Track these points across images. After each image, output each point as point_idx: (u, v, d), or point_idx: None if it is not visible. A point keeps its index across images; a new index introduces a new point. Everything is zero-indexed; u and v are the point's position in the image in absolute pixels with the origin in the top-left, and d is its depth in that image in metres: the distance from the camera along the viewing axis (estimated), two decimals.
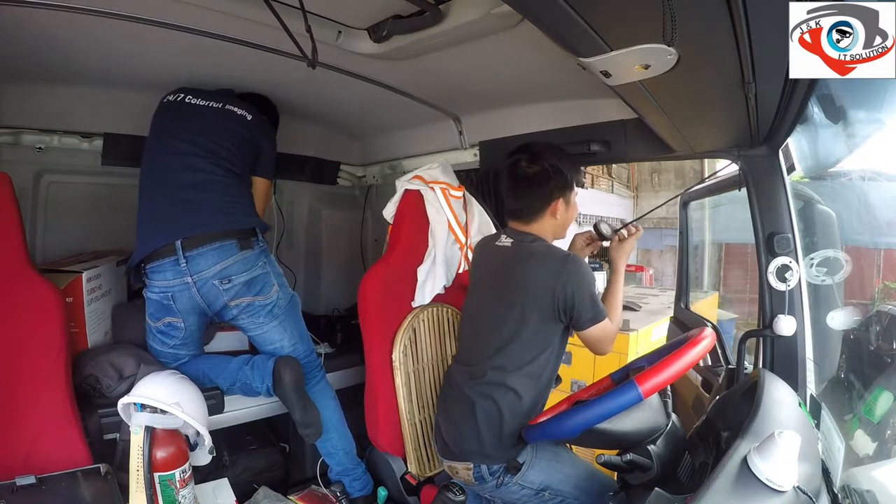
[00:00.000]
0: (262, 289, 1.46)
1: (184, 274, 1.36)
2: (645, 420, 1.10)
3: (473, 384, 1.35)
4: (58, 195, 1.77)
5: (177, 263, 1.35)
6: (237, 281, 1.41)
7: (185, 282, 1.37)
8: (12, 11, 1.11)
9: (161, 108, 1.57)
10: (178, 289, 1.38)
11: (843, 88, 1.22)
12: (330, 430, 1.58)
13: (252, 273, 1.43)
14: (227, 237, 1.39)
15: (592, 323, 1.29)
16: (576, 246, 1.53)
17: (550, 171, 1.33)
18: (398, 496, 1.57)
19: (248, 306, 1.45)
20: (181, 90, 1.57)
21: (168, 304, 1.40)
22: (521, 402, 1.31)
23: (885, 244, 2.21)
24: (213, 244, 1.37)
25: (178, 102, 1.54)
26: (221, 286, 1.39)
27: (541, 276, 1.29)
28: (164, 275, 1.37)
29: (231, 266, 1.39)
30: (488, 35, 1.13)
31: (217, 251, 1.38)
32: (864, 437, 1.46)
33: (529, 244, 1.35)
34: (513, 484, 1.31)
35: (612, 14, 0.64)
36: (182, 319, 1.42)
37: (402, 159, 2.23)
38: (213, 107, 1.54)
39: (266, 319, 1.49)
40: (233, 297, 1.42)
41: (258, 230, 1.49)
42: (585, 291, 1.27)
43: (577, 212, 1.43)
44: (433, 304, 1.68)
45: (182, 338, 1.46)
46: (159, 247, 1.36)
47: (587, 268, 1.31)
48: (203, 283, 1.38)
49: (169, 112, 1.54)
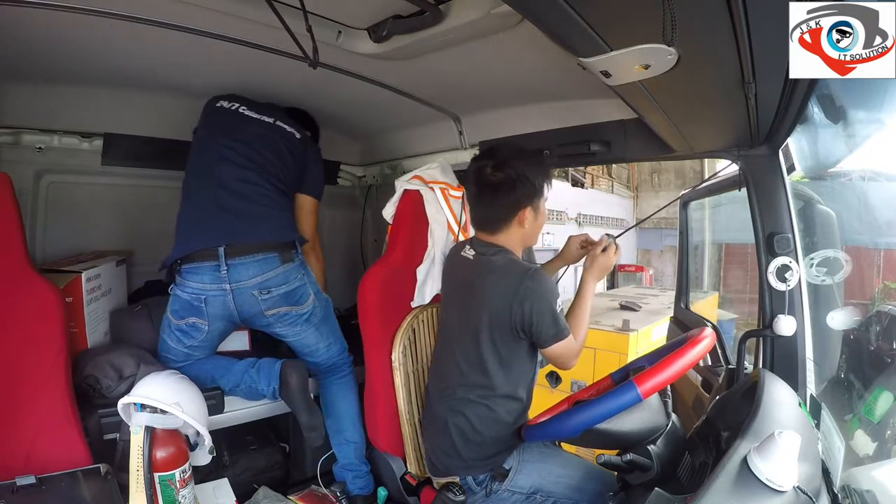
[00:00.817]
0: (300, 299, 1.50)
1: (223, 281, 1.38)
2: (645, 420, 1.10)
3: (444, 402, 1.36)
4: (58, 195, 1.77)
5: (217, 269, 1.37)
6: (276, 292, 1.44)
7: (223, 288, 1.39)
8: (12, 11, 1.11)
9: (214, 111, 1.59)
10: (213, 293, 1.39)
11: (843, 88, 1.22)
12: (346, 422, 1.62)
13: (291, 285, 1.47)
14: (270, 249, 1.42)
15: (554, 340, 1.26)
16: (570, 248, 1.51)
17: (516, 179, 1.27)
18: (398, 496, 1.56)
19: (284, 315, 1.48)
20: (235, 98, 1.60)
21: (198, 306, 1.41)
22: (495, 413, 1.31)
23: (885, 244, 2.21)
24: (256, 255, 1.40)
25: (233, 111, 1.57)
26: (260, 296, 1.42)
27: (498, 293, 1.26)
28: (202, 278, 1.38)
29: (272, 278, 1.42)
30: (488, 35, 1.13)
31: (259, 263, 1.40)
32: (864, 437, 1.46)
33: (490, 258, 1.31)
34: (502, 491, 1.30)
35: (612, 14, 0.64)
36: (208, 323, 1.43)
37: (402, 159, 2.23)
38: (265, 121, 1.58)
39: (303, 328, 1.53)
40: (270, 306, 1.45)
41: (297, 243, 1.52)
42: (545, 309, 1.24)
43: (546, 218, 1.38)
44: (433, 304, 1.68)
45: (201, 340, 1.47)
46: (200, 248, 1.38)
47: (548, 284, 1.27)
48: (241, 292, 1.40)
49: (223, 119, 1.57)
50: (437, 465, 1.40)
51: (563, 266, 1.57)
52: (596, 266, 1.39)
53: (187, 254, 1.39)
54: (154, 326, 1.66)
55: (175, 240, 1.44)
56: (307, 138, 1.68)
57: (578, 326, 1.34)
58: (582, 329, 1.35)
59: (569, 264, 1.57)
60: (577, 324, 1.34)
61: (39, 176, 1.74)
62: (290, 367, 1.44)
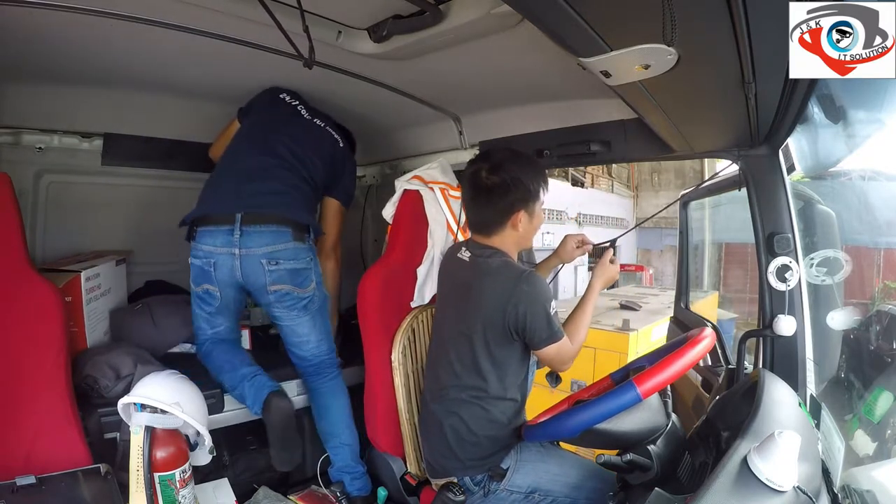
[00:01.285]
0: (304, 282, 1.52)
1: (234, 245, 1.42)
2: (645, 420, 1.10)
3: (440, 404, 1.37)
4: (58, 195, 1.78)
5: (231, 233, 1.42)
6: (284, 266, 1.47)
7: (233, 253, 1.43)
8: (13, 11, 1.11)
9: (275, 101, 1.67)
10: (222, 258, 1.44)
11: (843, 88, 1.22)
12: (339, 425, 1.61)
13: (299, 263, 1.50)
14: (284, 223, 1.46)
15: (547, 343, 1.26)
16: (566, 247, 1.52)
17: (511, 184, 1.28)
18: (398, 496, 1.56)
19: (285, 295, 1.50)
20: (297, 96, 1.70)
21: (208, 271, 1.46)
22: (489, 414, 1.32)
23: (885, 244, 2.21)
24: (270, 226, 1.44)
25: (293, 107, 1.67)
26: (268, 266, 1.45)
27: (493, 295, 1.27)
28: (214, 240, 1.44)
29: (282, 251, 1.46)
30: (488, 35, 1.13)
31: (273, 234, 1.45)
32: (864, 437, 1.46)
33: (486, 260, 1.32)
34: (500, 490, 1.30)
35: (612, 14, 0.64)
36: (219, 289, 1.48)
37: (402, 159, 2.23)
38: (317, 124, 1.69)
39: (300, 313, 1.54)
40: (275, 280, 1.47)
41: (311, 229, 1.56)
42: (539, 311, 1.24)
43: (543, 221, 1.39)
44: (432, 304, 1.68)
45: (217, 306, 1.52)
46: (218, 212, 1.44)
47: (542, 286, 1.28)
48: (250, 259, 1.44)
49: (281, 111, 1.66)
50: (435, 467, 1.40)
51: (558, 264, 1.58)
52: (605, 275, 1.42)
53: (206, 213, 1.46)
54: (155, 325, 1.66)
55: (198, 201, 1.51)
56: (348, 149, 1.79)
57: (577, 330, 1.35)
58: (580, 333, 1.35)
59: (564, 263, 1.57)
60: (577, 327, 1.35)
61: (39, 176, 1.74)
62: (275, 399, 1.44)
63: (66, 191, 1.79)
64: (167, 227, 1.59)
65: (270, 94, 1.68)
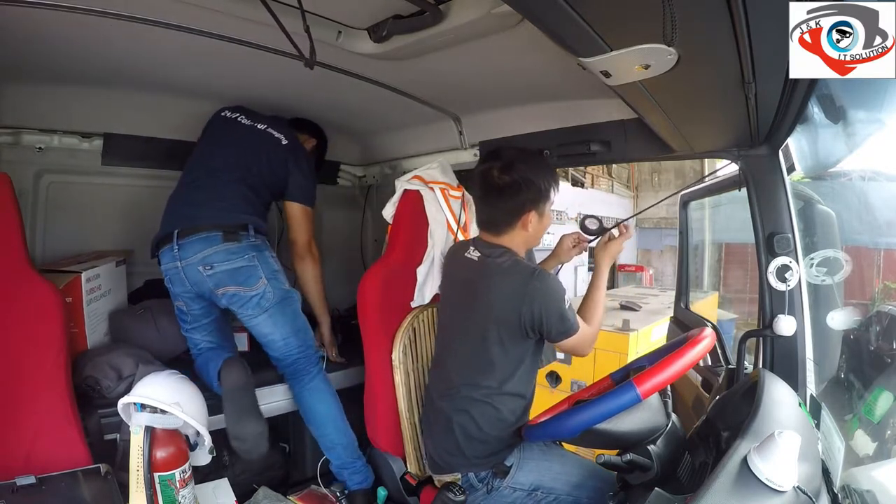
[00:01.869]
0: (248, 280, 1.52)
1: (175, 259, 1.50)
2: (645, 420, 1.10)
3: (448, 401, 1.37)
4: (58, 195, 1.77)
5: (172, 249, 1.50)
6: (219, 268, 1.49)
7: (176, 266, 1.50)
8: (12, 11, 1.11)
9: (214, 120, 1.72)
10: (172, 272, 1.52)
11: (843, 88, 1.22)
12: (327, 426, 1.60)
13: (235, 263, 1.50)
14: (212, 229, 1.50)
15: (564, 336, 1.28)
16: (563, 246, 1.53)
17: (522, 184, 1.29)
18: (398, 496, 1.56)
19: (234, 296, 1.52)
20: (239, 109, 1.72)
21: (170, 287, 1.55)
22: (499, 413, 1.32)
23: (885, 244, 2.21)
24: (200, 234, 1.49)
25: (231, 119, 1.70)
26: (205, 272, 1.49)
27: (505, 295, 1.27)
28: (165, 258, 1.53)
29: (212, 255, 1.49)
30: (488, 35, 1.13)
31: (202, 241, 1.49)
32: (864, 437, 1.46)
33: (496, 259, 1.32)
34: (503, 488, 1.31)
35: (612, 14, 0.64)
36: (184, 303, 1.55)
37: (402, 159, 2.23)
38: (258, 128, 1.69)
39: (255, 311, 1.53)
40: (216, 283, 1.50)
41: (251, 227, 1.54)
42: (553, 308, 1.25)
43: (552, 222, 1.39)
44: (433, 304, 1.68)
45: (189, 321, 1.58)
46: (163, 235, 1.53)
47: (554, 283, 1.28)
48: (189, 268, 1.50)
49: (218, 127, 1.70)
50: (439, 463, 1.40)
51: (557, 264, 1.58)
52: (607, 253, 1.42)
53: (156, 241, 1.56)
54: (156, 327, 1.66)
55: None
56: (295, 145, 1.73)
57: (594, 311, 1.36)
58: (597, 314, 1.37)
59: (563, 262, 1.58)
60: (593, 308, 1.37)
61: (39, 176, 1.74)
62: (227, 365, 1.45)
63: (66, 191, 1.79)
64: None
65: (212, 118, 1.73)
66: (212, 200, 1.54)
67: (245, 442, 1.40)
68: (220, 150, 1.63)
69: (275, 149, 1.67)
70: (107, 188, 1.86)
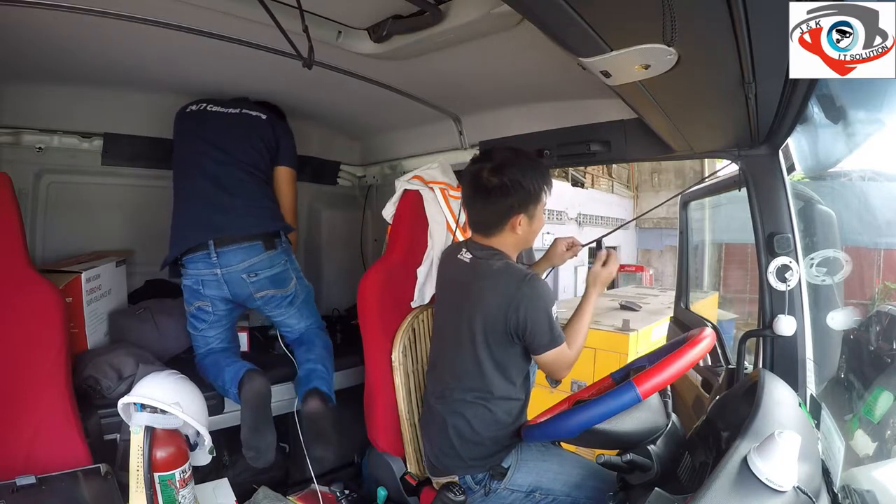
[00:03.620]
0: (283, 282, 1.63)
1: (214, 266, 1.54)
2: (645, 420, 1.10)
3: (443, 403, 1.37)
4: (58, 195, 1.77)
5: (208, 257, 1.53)
6: (263, 275, 1.58)
7: (215, 273, 1.54)
8: (13, 11, 1.11)
9: (184, 117, 1.68)
10: (207, 278, 1.55)
11: (843, 88, 1.22)
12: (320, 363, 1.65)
13: (275, 269, 1.60)
14: (254, 239, 1.56)
15: (547, 348, 1.25)
16: (556, 250, 1.52)
17: (511, 186, 1.26)
18: (398, 496, 1.56)
19: (271, 298, 1.62)
20: (202, 100, 1.69)
21: (198, 290, 1.57)
22: (494, 414, 1.32)
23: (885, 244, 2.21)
24: (242, 244, 1.55)
25: (200, 111, 1.67)
26: (249, 279, 1.57)
27: (495, 298, 1.26)
28: (197, 265, 1.55)
29: (257, 263, 1.57)
30: (488, 35, 1.13)
31: (245, 250, 1.55)
32: (864, 437, 1.46)
33: (487, 261, 1.31)
34: (501, 489, 1.30)
35: (612, 14, 0.64)
36: (210, 303, 1.59)
37: (402, 159, 2.23)
38: (231, 112, 1.67)
39: (286, 309, 1.66)
40: (258, 288, 1.59)
41: (282, 232, 1.65)
42: (540, 316, 1.23)
43: (543, 224, 1.37)
44: (432, 304, 1.68)
45: (211, 321, 1.61)
46: (194, 245, 1.54)
47: (545, 290, 1.27)
48: (232, 275, 1.55)
49: (192, 121, 1.67)
50: (437, 465, 1.40)
51: (549, 268, 1.57)
52: (598, 280, 1.41)
53: (184, 250, 1.55)
54: (156, 327, 1.66)
55: (171, 239, 1.58)
56: (273, 117, 1.74)
57: (576, 336, 1.33)
58: (579, 339, 1.34)
59: (555, 266, 1.57)
60: (575, 333, 1.33)
61: (39, 176, 1.74)
62: (252, 374, 1.45)
63: (66, 191, 1.79)
64: (167, 227, 1.59)
65: (179, 114, 1.69)
66: (242, 206, 1.57)
67: (258, 451, 1.44)
68: (212, 145, 1.60)
69: (258, 127, 1.68)
70: (107, 188, 1.86)
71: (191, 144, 1.63)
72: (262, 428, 1.44)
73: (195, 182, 1.59)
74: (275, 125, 1.72)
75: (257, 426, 1.43)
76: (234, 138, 1.63)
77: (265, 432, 1.45)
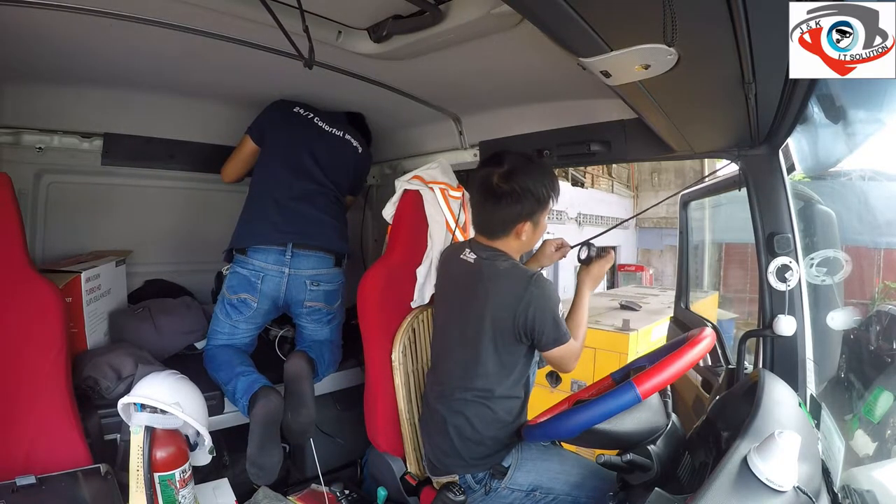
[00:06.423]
0: (333, 300, 1.73)
1: (284, 264, 1.60)
2: (645, 420, 1.10)
3: (444, 402, 1.37)
4: (58, 195, 1.77)
5: (283, 254, 1.60)
6: (322, 287, 1.68)
7: (282, 271, 1.60)
8: (12, 11, 1.11)
9: (291, 116, 1.75)
10: (272, 273, 1.60)
11: (843, 88, 1.22)
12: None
13: (333, 286, 1.71)
14: (328, 251, 1.68)
15: (556, 344, 1.28)
16: (545, 252, 1.54)
17: (521, 194, 1.27)
18: (398, 496, 1.56)
19: (317, 311, 1.70)
20: (308, 108, 1.78)
21: (255, 283, 1.60)
22: (495, 413, 1.32)
23: (885, 244, 2.21)
24: (318, 252, 1.65)
25: (308, 120, 1.76)
26: (310, 286, 1.65)
27: (502, 298, 1.27)
28: (266, 257, 1.60)
29: (324, 274, 1.67)
30: (488, 35, 1.13)
31: (318, 259, 1.66)
32: (864, 437, 1.46)
33: (492, 262, 1.32)
34: (502, 489, 1.31)
35: (612, 14, 0.64)
36: (257, 299, 1.61)
37: (402, 159, 2.23)
38: (336, 135, 1.79)
39: (324, 326, 1.73)
40: (312, 298, 1.66)
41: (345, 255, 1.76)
42: (548, 315, 1.25)
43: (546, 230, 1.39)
44: (433, 304, 1.68)
45: (248, 316, 1.63)
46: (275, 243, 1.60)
47: (550, 289, 1.28)
48: (296, 278, 1.62)
49: (301, 127, 1.75)
50: (437, 465, 1.40)
51: (537, 268, 1.57)
52: (589, 278, 1.44)
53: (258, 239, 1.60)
54: (155, 327, 1.66)
55: (245, 226, 1.65)
56: (367, 151, 1.89)
57: (578, 328, 1.37)
58: (581, 330, 1.37)
59: (543, 267, 1.59)
60: (576, 326, 1.37)
61: (39, 176, 1.74)
62: (265, 392, 1.44)
63: (66, 191, 1.79)
64: (167, 227, 1.59)
65: (282, 112, 1.75)
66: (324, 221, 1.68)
67: (263, 469, 1.43)
68: (309, 160, 1.70)
69: (356, 159, 1.83)
70: (107, 188, 1.86)
71: (296, 151, 1.71)
72: (270, 446, 1.44)
73: (288, 186, 1.66)
74: (365, 161, 1.88)
75: (264, 444, 1.42)
76: (336, 167, 1.76)
77: (272, 451, 1.44)
